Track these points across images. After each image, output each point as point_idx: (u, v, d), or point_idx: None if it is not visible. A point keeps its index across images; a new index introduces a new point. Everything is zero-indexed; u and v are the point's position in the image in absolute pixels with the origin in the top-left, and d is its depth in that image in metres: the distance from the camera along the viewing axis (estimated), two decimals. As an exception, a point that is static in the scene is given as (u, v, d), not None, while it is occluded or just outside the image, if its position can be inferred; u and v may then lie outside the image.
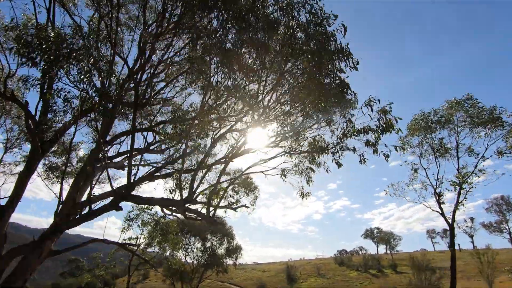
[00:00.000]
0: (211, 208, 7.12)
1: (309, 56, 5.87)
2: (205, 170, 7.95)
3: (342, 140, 5.80)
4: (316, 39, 6.03)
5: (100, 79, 6.58)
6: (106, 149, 10.17)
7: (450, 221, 7.53)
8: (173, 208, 12.10)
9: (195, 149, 9.34)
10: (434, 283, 15.51)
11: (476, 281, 36.81)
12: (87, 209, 7.26)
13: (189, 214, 12.19)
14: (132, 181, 6.41)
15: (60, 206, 7.41)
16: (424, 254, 76.70)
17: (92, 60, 5.40)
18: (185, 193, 7.28)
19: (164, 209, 12.14)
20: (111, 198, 7.44)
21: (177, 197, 10.78)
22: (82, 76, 5.29)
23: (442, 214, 7.66)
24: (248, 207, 12.28)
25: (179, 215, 12.35)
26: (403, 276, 51.47)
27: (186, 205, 6.56)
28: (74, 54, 5.12)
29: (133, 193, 7.11)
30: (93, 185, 9.23)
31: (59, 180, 12.12)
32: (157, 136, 10.37)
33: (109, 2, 7.93)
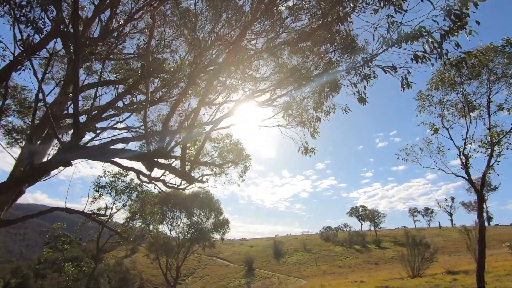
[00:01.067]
0: (187, 164, 5.46)
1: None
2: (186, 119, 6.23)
3: (373, 58, 4.16)
4: None
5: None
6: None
7: (478, 187, 6.18)
8: (149, 174, 10.44)
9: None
10: (428, 258, 14.65)
11: (457, 256, 37.39)
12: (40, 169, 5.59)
13: (159, 183, 10.54)
14: (79, 126, 4.67)
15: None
16: (407, 231, 78.74)
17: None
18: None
19: (141, 177, 10.47)
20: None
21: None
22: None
23: (469, 180, 6.35)
24: (236, 163, 10.79)
25: (159, 184, 10.73)
26: (386, 251, 52.40)
27: (157, 160, 4.90)
28: None
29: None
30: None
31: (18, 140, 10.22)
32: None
33: None
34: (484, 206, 66.89)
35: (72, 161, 5.40)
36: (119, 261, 53.10)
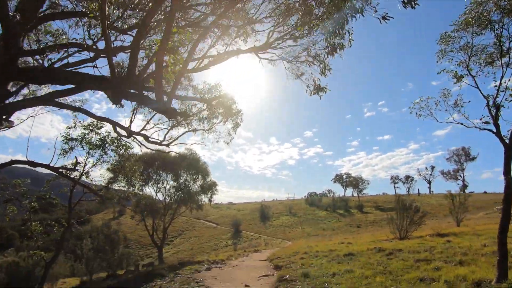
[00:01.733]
0: (164, 97, 4.21)
1: None
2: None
3: None
4: None
5: None
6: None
7: (507, 141, 5.35)
8: (128, 127, 9.16)
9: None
10: (416, 221, 14.48)
11: (435, 220, 39.02)
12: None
13: (139, 137, 9.31)
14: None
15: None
16: (386, 196, 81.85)
17: None
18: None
19: (118, 129, 9.17)
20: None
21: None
22: None
23: (498, 133, 5.49)
24: (225, 117, 9.64)
25: (139, 138, 9.49)
26: (368, 215, 54.34)
27: (127, 90, 3.65)
28: None
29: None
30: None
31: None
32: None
33: None
34: (461, 174, 69.35)
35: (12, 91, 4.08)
36: (106, 223, 52.95)
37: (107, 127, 9.58)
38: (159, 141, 9.58)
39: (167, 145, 9.75)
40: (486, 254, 7.05)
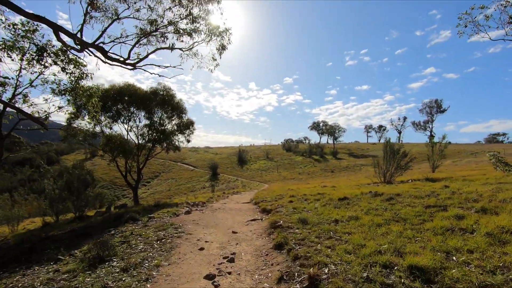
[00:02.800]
0: None
1: None
2: None
3: None
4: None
5: None
6: None
7: None
8: (76, 34, 6.70)
9: None
10: (403, 166, 13.93)
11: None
12: None
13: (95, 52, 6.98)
14: None
15: None
16: (358, 144, 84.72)
17: None
18: None
19: (63, 37, 6.71)
20: None
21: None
22: None
23: None
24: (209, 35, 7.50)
25: (92, 49, 7.10)
26: (342, 161, 56.00)
27: None
28: None
29: None
30: None
31: None
32: None
33: None
34: (430, 125, 72.17)
35: None
36: (78, 164, 50.48)
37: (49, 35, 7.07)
38: (122, 58, 7.29)
39: (133, 66, 7.50)
40: (506, 201, 6.25)
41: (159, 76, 9.46)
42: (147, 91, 18.25)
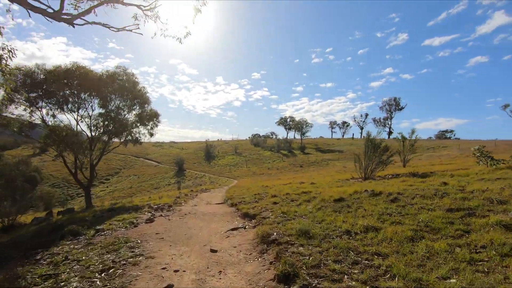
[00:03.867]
0: None
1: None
2: None
3: None
4: None
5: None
6: None
7: None
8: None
9: None
10: (385, 160, 13.13)
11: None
12: None
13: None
14: None
15: None
16: (323, 139, 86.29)
17: None
18: None
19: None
20: None
21: None
22: None
23: None
24: None
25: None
26: (310, 156, 56.12)
27: None
28: None
29: None
30: None
31: None
32: None
33: None
34: (389, 122, 75.42)
35: None
36: (24, 160, 44.36)
37: None
38: (52, 10, 5.03)
39: (70, 22, 5.26)
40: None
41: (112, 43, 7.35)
42: (102, 74, 15.45)
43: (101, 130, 15.97)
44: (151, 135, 17.39)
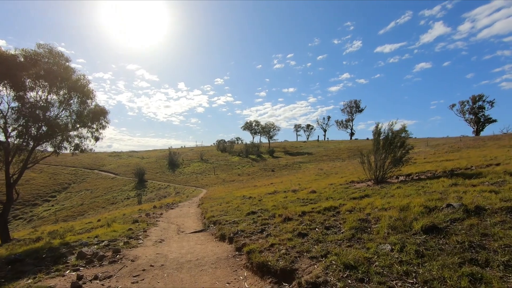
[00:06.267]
0: None
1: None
2: None
3: None
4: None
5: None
6: None
7: None
8: None
9: None
10: (401, 158, 10.53)
11: (339, 161, 39.81)
12: None
13: None
14: None
15: None
16: (290, 142, 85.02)
17: None
18: None
19: None
20: None
21: None
22: None
23: None
24: None
25: None
26: (280, 159, 53.57)
27: None
28: None
29: None
30: None
31: None
32: None
33: None
34: (350, 123, 76.29)
35: None
36: None
37: None
38: None
39: None
40: None
41: None
42: (15, 54, 10.64)
43: (20, 134, 11.03)
44: (97, 139, 12.76)
